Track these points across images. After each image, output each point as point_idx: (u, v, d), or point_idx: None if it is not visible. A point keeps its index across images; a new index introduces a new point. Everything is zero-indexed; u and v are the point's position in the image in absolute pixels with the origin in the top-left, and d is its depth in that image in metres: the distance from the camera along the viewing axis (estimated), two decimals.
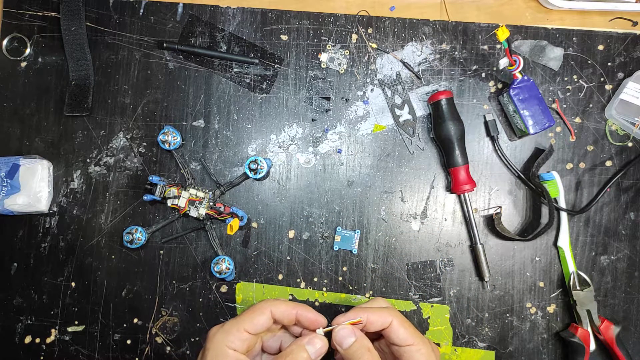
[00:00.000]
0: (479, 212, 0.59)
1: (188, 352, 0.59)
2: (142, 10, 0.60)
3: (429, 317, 0.58)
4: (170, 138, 0.57)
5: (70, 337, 0.59)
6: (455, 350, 0.58)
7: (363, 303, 0.50)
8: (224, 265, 0.57)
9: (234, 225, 0.56)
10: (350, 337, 0.43)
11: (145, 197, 0.57)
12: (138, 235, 0.57)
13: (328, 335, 0.45)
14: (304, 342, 0.43)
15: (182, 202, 0.57)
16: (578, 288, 0.57)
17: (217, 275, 0.57)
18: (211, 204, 0.58)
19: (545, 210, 0.59)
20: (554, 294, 0.58)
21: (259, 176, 0.57)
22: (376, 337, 0.48)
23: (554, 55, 0.59)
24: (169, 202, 0.57)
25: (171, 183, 0.58)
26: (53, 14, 0.60)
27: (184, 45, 0.60)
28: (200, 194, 0.58)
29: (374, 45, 0.60)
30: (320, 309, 0.58)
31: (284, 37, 0.60)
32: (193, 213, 0.57)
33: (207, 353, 0.43)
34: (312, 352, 0.43)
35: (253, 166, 0.57)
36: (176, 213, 0.59)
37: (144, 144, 0.60)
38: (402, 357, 0.44)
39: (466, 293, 0.58)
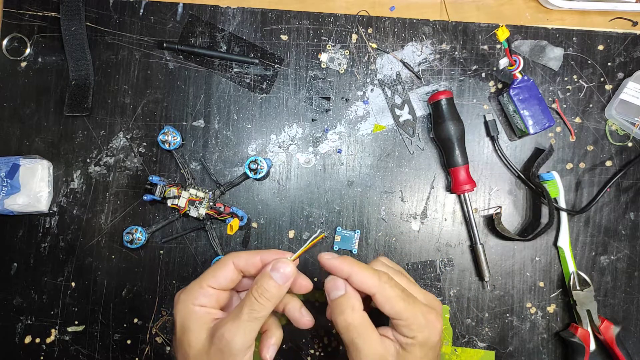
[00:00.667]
0: (479, 212, 0.59)
1: None
2: (142, 10, 0.60)
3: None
4: (170, 138, 0.57)
5: (70, 337, 0.59)
6: (455, 350, 0.58)
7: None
8: None
9: (234, 225, 0.56)
10: (339, 290, 0.40)
11: (145, 197, 0.57)
12: (138, 235, 0.57)
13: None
14: (267, 269, 0.40)
15: (182, 202, 0.57)
16: (578, 288, 0.57)
17: None
18: (211, 204, 0.58)
19: (545, 210, 0.59)
20: (554, 294, 0.58)
21: (259, 176, 0.57)
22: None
23: (554, 55, 0.59)
24: (169, 202, 0.57)
25: (171, 183, 0.58)
26: (53, 14, 0.60)
27: (184, 45, 0.60)
28: (200, 194, 0.58)
29: (374, 45, 0.60)
30: (321, 309, 0.58)
31: (284, 37, 0.60)
32: (193, 213, 0.57)
33: (176, 318, 0.41)
34: (278, 278, 0.40)
35: (253, 166, 0.57)
36: (176, 213, 0.59)
37: (144, 144, 0.60)
38: (393, 326, 0.41)
39: (466, 293, 0.58)
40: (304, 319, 0.44)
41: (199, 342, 0.39)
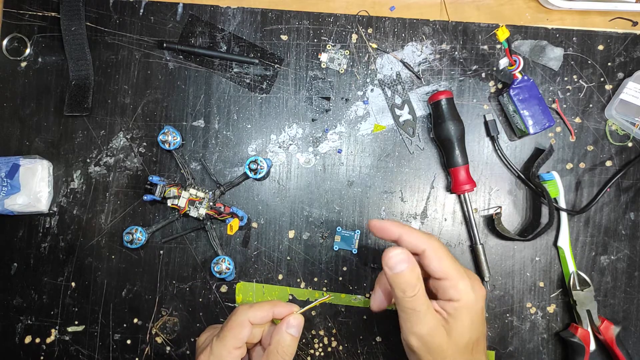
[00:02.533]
0: (479, 212, 0.59)
1: (188, 352, 0.59)
2: (142, 10, 0.60)
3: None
4: (170, 138, 0.57)
5: (70, 337, 0.59)
6: None
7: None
8: (224, 265, 0.57)
9: (234, 225, 0.56)
10: (403, 264, 0.41)
11: (145, 197, 0.57)
12: (138, 235, 0.57)
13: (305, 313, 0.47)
14: (283, 328, 0.44)
15: (182, 202, 0.57)
16: (578, 288, 0.57)
17: (217, 276, 0.57)
18: (211, 204, 0.58)
19: (545, 210, 0.59)
20: (554, 294, 0.58)
21: (259, 176, 0.57)
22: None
23: (554, 55, 0.59)
24: (169, 202, 0.57)
25: (171, 183, 0.58)
26: (53, 14, 0.60)
27: (184, 45, 0.60)
28: (200, 194, 0.58)
29: (374, 45, 0.60)
30: (321, 309, 0.58)
31: (284, 37, 0.60)
32: (193, 213, 0.57)
33: None
34: (294, 333, 0.44)
35: (253, 166, 0.57)
36: (176, 213, 0.59)
37: (144, 144, 0.60)
38: (438, 292, 0.42)
39: None
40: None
41: None
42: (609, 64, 0.59)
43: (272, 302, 0.46)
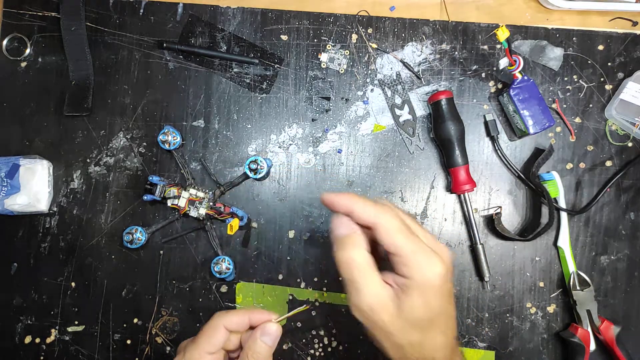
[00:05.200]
0: (479, 212, 0.59)
1: None
2: (142, 10, 0.60)
3: None
4: (170, 138, 0.57)
5: (70, 337, 0.59)
6: None
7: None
8: (224, 265, 0.57)
9: (234, 225, 0.56)
10: (344, 228, 0.39)
11: (145, 197, 0.57)
12: (138, 235, 0.57)
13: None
14: (257, 334, 0.43)
15: (182, 202, 0.57)
16: (578, 288, 0.57)
17: (217, 276, 0.57)
18: (211, 204, 0.58)
19: (545, 210, 0.59)
20: (554, 294, 0.58)
21: (259, 176, 0.57)
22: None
23: (554, 55, 0.59)
24: (169, 202, 0.57)
25: (171, 183, 0.58)
26: (53, 14, 0.60)
27: (184, 45, 0.60)
28: (200, 194, 0.58)
29: (374, 45, 0.60)
30: (321, 309, 0.58)
31: (284, 37, 0.60)
32: (193, 213, 0.57)
33: None
34: (267, 341, 0.42)
35: (253, 166, 0.57)
36: (176, 213, 0.59)
37: (144, 144, 0.60)
38: (394, 267, 0.39)
39: (466, 293, 0.58)
40: None
41: None
42: (609, 64, 0.59)
43: (249, 308, 0.46)
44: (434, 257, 0.38)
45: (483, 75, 0.60)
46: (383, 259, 0.41)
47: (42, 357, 0.59)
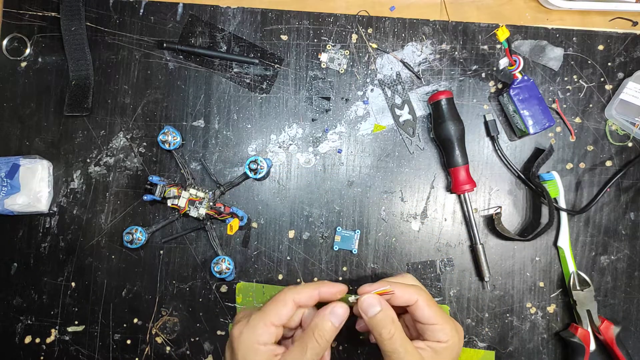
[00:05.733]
0: (479, 212, 0.59)
1: (188, 352, 0.59)
2: (142, 10, 0.60)
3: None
4: (170, 138, 0.57)
5: (70, 337, 0.59)
6: None
7: (391, 277, 0.50)
8: (224, 265, 0.57)
9: (234, 225, 0.56)
10: (376, 307, 0.44)
11: (145, 197, 0.57)
12: (138, 235, 0.57)
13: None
14: (326, 312, 0.44)
15: (182, 202, 0.57)
16: (578, 288, 0.57)
17: (217, 275, 0.57)
18: (211, 204, 0.58)
19: (545, 210, 0.59)
20: (554, 294, 0.58)
21: (259, 176, 0.57)
22: (401, 312, 0.48)
23: (554, 55, 0.59)
24: (169, 202, 0.57)
25: (171, 183, 0.58)
26: (53, 14, 0.60)
27: (184, 45, 0.60)
28: (200, 194, 0.58)
29: (374, 45, 0.60)
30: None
31: (284, 37, 0.60)
32: (193, 213, 0.57)
33: (236, 353, 0.43)
34: (335, 321, 0.44)
35: (253, 166, 0.57)
36: (176, 213, 0.59)
37: (144, 144, 0.60)
38: (425, 334, 0.45)
39: (466, 293, 0.58)
40: None
41: None
42: (609, 64, 0.59)
43: (318, 282, 0.46)
44: (457, 324, 0.47)
45: (483, 75, 0.60)
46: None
47: (42, 357, 0.59)
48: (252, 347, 0.43)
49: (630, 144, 0.59)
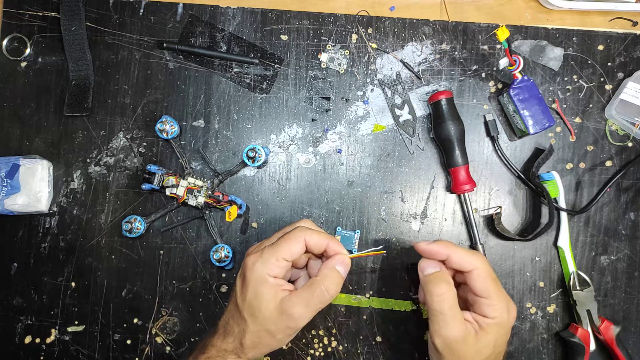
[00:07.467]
0: (479, 212, 0.59)
1: (188, 352, 0.58)
2: (142, 10, 0.61)
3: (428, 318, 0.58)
4: (168, 127, 0.57)
5: (70, 337, 0.59)
6: None
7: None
8: (223, 253, 0.57)
9: (232, 212, 0.56)
10: (434, 268, 0.46)
11: (143, 187, 0.57)
12: (137, 224, 0.57)
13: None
14: (334, 263, 0.46)
15: (180, 191, 0.57)
16: (578, 288, 0.57)
17: (217, 264, 0.56)
18: (210, 192, 0.58)
19: (545, 210, 0.59)
20: (554, 294, 0.58)
21: (257, 164, 0.57)
22: (462, 281, 0.49)
23: (554, 55, 0.59)
24: (168, 191, 0.57)
25: (169, 172, 0.58)
26: (53, 14, 0.60)
27: (184, 45, 0.60)
28: (199, 183, 0.58)
29: (374, 45, 0.60)
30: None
31: (284, 37, 0.60)
32: (192, 202, 0.57)
33: (248, 282, 0.45)
34: (342, 271, 0.46)
35: (251, 154, 0.56)
36: (175, 202, 0.58)
37: (144, 144, 0.60)
38: (474, 306, 0.46)
39: None
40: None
41: (268, 310, 0.45)
42: (609, 64, 0.59)
43: (329, 235, 0.48)
44: (512, 303, 0.46)
45: (483, 75, 0.60)
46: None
47: (42, 357, 0.59)
48: (263, 277, 0.45)
49: (630, 144, 0.59)
